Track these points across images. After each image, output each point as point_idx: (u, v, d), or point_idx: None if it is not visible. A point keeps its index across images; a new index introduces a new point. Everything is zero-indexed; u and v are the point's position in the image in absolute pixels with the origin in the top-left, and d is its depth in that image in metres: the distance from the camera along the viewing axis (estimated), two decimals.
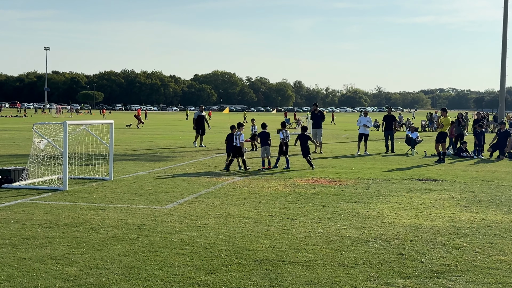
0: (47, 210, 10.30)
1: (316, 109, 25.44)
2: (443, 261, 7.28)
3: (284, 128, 18.70)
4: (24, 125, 49.00)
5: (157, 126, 54.47)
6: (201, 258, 7.22)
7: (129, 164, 18.34)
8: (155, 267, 6.80)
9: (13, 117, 77.75)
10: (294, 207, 10.94)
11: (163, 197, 11.91)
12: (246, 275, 6.56)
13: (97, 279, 6.31)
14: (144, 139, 32.61)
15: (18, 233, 8.45)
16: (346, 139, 35.78)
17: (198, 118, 27.09)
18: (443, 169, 18.38)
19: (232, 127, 17.82)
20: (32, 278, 6.30)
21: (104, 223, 9.19)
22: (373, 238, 8.43)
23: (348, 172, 17.07)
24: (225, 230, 8.83)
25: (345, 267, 6.94)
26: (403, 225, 9.40)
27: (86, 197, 11.85)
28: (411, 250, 7.78)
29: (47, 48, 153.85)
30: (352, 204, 11.36)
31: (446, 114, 22.20)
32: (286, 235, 8.56)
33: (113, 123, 15.44)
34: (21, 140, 29.61)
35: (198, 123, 26.93)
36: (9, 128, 44.14)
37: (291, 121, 62.12)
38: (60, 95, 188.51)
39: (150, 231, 8.67)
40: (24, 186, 12.98)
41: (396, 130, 26.43)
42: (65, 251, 7.47)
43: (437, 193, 12.99)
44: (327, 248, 7.82)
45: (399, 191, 13.30)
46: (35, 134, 14.35)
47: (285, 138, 18.09)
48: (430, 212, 10.67)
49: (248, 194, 12.48)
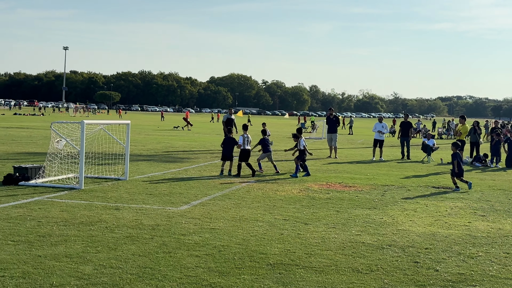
0: (63, 208, 10.39)
1: (332, 113, 25.36)
2: (458, 270, 7.20)
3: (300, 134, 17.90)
4: (41, 124, 49.52)
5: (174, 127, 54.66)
6: (215, 260, 7.23)
7: (144, 165, 18.43)
8: (169, 268, 6.82)
9: (31, 115, 78.60)
10: (308, 212, 10.91)
11: (177, 198, 11.95)
12: (259, 279, 6.55)
13: (111, 278, 6.34)
14: (160, 140, 32.76)
15: (34, 230, 8.53)
16: (361, 145, 35.62)
17: (227, 121, 27.03)
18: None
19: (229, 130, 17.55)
20: (47, 276, 6.35)
21: (119, 223, 9.25)
22: (387, 245, 8.37)
23: (363, 178, 16.98)
24: (238, 233, 8.83)
25: (359, 274, 6.90)
26: (418, 233, 9.33)
27: (101, 196, 11.93)
28: (426, 258, 7.71)
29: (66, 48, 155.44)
30: (366, 210, 11.30)
31: (464, 122, 21.99)
32: (300, 240, 8.54)
33: (130, 123, 15.54)
34: (39, 138, 29.92)
35: (227, 126, 26.77)
36: (27, 126, 44.63)
37: (306, 126, 62.00)
38: (77, 95, 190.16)
39: (164, 232, 8.70)
40: (41, 184, 13.11)
41: (412, 136, 26.25)
42: (80, 249, 7.53)
43: (453, 201, 12.87)
44: (341, 254, 7.78)
45: (415, 198, 13.20)
46: (53, 133, 14.49)
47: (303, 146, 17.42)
48: (445, 220, 10.57)
49: (262, 198, 12.47)
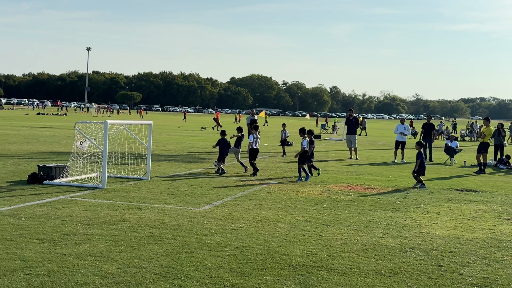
0: (86, 207, 10.50)
1: (352, 115, 25.20)
2: (483, 274, 7.10)
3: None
4: (64, 123, 50.17)
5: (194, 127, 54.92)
6: (237, 261, 7.24)
7: (165, 165, 18.55)
8: (191, 268, 6.85)
9: (54, 115, 79.67)
10: (329, 213, 10.86)
11: (199, 199, 11.99)
12: (282, 280, 6.54)
13: (135, 278, 6.39)
14: (181, 140, 32.93)
15: (58, 229, 8.64)
16: (382, 146, 35.36)
17: (250, 122, 27.03)
18: (483, 180, 17.96)
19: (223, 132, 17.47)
20: (72, 274, 6.43)
21: (142, 222, 9.31)
22: (410, 248, 8.29)
23: (385, 180, 16.85)
24: (260, 234, 8.83)
25: (382, 276, 6.85)
26: (442, 236, 9.22)
27: (124, 196, 12.03)
28: (450, 262, 7.62)
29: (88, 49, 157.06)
30: (389, 213, 11.21)
31: (489, 123, 21.69)
32: (322, 241, 8.50)
33: (152, 123, 15.65)
34: (62, 138, 30.31)
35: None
36: (50, 125, 45.25)
37: (326, 127, 61.82)
38: (99, 95, 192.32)
39: (186, 232, 8.74)
40: (64, 183, 13.27)
41: (434, 138, 25.97)
42: (104, 248, 7.60)
43: (477, 204, 12.70)
44: (364, 256, 7.73)
45: (438, 201, 13.06)
46: (77, 133, 14.66)
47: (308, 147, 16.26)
48: (470, 223, 10.43)
49: (283, 199, 12.45)
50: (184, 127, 54.04)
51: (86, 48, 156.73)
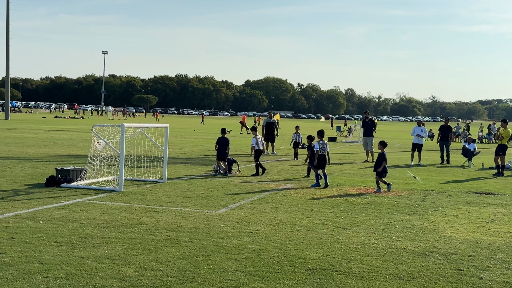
0: (103, 210, 10.56)
1: (368, 117, 25.09)
2: (503, 278, 7.00)
3: (322, 137, 15.72)
4: (81, 127, 50.59)
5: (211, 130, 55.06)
6: (254, 264, 7.22)
7: (181, 168, 18.60)
8: (208, 271, 6.84)
9: (71, 118, 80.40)
10: (346, 216, 10.80)
11: (215, 201, 12.00)
12: (299, 284, 6.50)
13: (152, 281, 6.40)
14: (196, 143, 33.03)
15: (76, 232, 8.69)
16: (399, 149, 35.12)
17: (267, 125, 27.05)
18: (502, 182, 17.74)
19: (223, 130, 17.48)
20: (90, 277, 6.45)
21: (158, 225, 9.34)
22: (429, 252, 8.20)
23: (402, 182, 16.72)
24: (277, 237, 8.80)
25: (400, 280, 6.78)
26: (460, 240, 9.11)
27: (141, 198, 12.08)
28: (470, 266, 7.52)
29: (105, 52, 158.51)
30: (406, 216, 11.11)
31: (506, 125, 21.41)
32: (339, 245, 8.45)
33: (168, 126, 15.71)
34: (79, 141, 30.56)
35: (268, 130, 26.77)
36: (68, 129, 45.66)
37: (342, 129, 61.51)
38: (116, 98, 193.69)
39: (203, 235, 8.74)
40: (82, 186, 13.37)
41: (452, 141, 25.73)
42: (121, 251, 7.62)
43: (496, 208, 12.54)
44: (382, 260, 7.66)
45: (456, 204, 12.92)
46: (94, 135, 14.77)
47: (322, 150, 15.38)
48: (489, 226, 10.30)
49: (299, 202, 12.41)
50: (200, 130, 54.20)
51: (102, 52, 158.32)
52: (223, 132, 17.48)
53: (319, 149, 15.34)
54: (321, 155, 15.30)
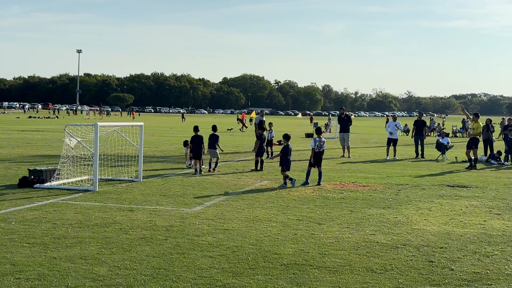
0: (77, 210, 10.47)
1: (343, 113, 25.30)
2: (474, 269, 7.14)
3: (319, 134, 15.30)
4: (56, 126, 49.94)
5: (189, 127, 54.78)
6: (228, 261, 7.24)
7: (158, 166, 18.51)
8: (183, 269, 6.84)
9: (46, 118, 79.31)
10: (321, 212, 10.88)
11: (191, 199, 11.98)
12: (273, 279, 6.55)
13: (126, 280, 6.38)
14: (173, 141, 32.88)
15: (49, 232, 8.60)
16: (375, 144, 35.46)
17: (259, 123, 27.00)
18: (474, 175, 18.05)
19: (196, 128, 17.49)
20: (62, 277, 6.40)
21: (133, 224, 9.29)
22: (402, 245, 8.32)
23: (377, 177, 16.90)
24: (252, 234, 8.83)
25: (373, 273, 6.87)
26: (433, 232, 9.26)
27: (115, 198, 12.00)
28: (441, 258, 7.66)
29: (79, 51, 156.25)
30: (380, 210, 11.24)
31: (477, 119, 21.79)
32: (314, 240, 8.52)
33: (143, 125, 15.62)
34: (53, 141, 30.18)
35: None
36: (42, 129, 45.04)
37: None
38: (91, 97, 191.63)
39: (178, 233, 8.73)
40: (56, 186, 13.22)
41: (426, 135, 26.06)
42: (95, 251, 7.57)
43: (468, 200, 12.76)
44: (355, 254, 7.75)
45: (429, 197, 13.11)
46: (67, 135, 14.60)
47: (318, 147, 15.04)
48: (460, 219, 10.48)
49: (275, 198, 12.46)
50: (178, 128, 53.92)
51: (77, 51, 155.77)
52: (195, 130, 17.36)
53: (315, 146, 14.94)
54: (317, 153, 14.95)
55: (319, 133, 15.34)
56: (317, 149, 14.99)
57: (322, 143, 15.07)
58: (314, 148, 14.99)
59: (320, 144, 15.02)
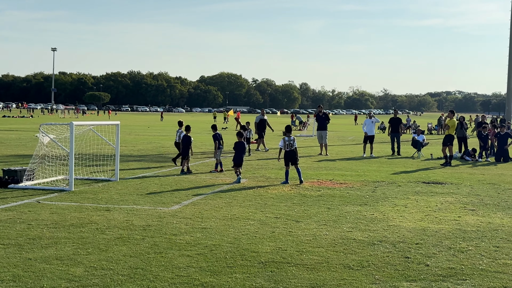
0: (53, 210, 10.33)
1: (321, 111, 25.45)
2: (449, 265, 7.25)
3: (289, 133, 15.23)
4: (31, 126, 49.19)
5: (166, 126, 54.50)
6: (206, 260, 7.22)
7: (134, 165, 18.37)
8: (160, 268, 6.81)
9: (20, 117, 78.08)
10: (299, 209, 10.93)
11: (168, 198, 11.93)
12: (251, 277, 6.56)
13: (102, 280, 6.32)
14: (150, 140, 32.67)
15: (24, 233, 8.48)
16: (352, 142, 35.72)
17: (260, 122, 26.95)
18: (449, 172, 18.32)
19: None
20: (38, 278, 6.32)
21: (110, 224, 9.21)
22: (378, 241, 8.41)
23: (354, 174, 17.03)
24: (230, 232, 8.83)
25: (350, 270, 6.93)
26: (408, 228, 9.37)
27: (92, 197, 11.88)
28: (417, 253, 7.75)
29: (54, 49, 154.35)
30: (357, 207, 11.34)
31: (452, 116, 22.10)
32: (291, 237, 8.55)
33: (119, 124, 15.48)
34: (28, 140, 29.73)
35: (260, 127, 26.71)
36: (16, 128, 44.33)
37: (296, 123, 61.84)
38: (67, 96, 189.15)
39: (156, 232, 8.68)
40: (30, 187, 13.03)
41: (402, 132, 26.35)
42: (71, 251, 7.49)
43: (443, 196, 12.95)
44: (332, 251, 7.80)
45: (405, 194, 13.26)
46: (41, 133, 14.39)
47: (289, 146, 14.90)
48: (436, 215, 10.63)
49: (253, 196, 12.47)
50: (155, 127, 53.56)
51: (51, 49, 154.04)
52: (187, 129, 17.22)
53: (285, 145, 14.90)
54: (287, 151, 14.87)
55: (289, 131, 15.26)
56: (287, 148, 14.92)
57: (292, 141, 14.95)
58: (283, 147, 14.98)
59: (291, 143, 14.92)
